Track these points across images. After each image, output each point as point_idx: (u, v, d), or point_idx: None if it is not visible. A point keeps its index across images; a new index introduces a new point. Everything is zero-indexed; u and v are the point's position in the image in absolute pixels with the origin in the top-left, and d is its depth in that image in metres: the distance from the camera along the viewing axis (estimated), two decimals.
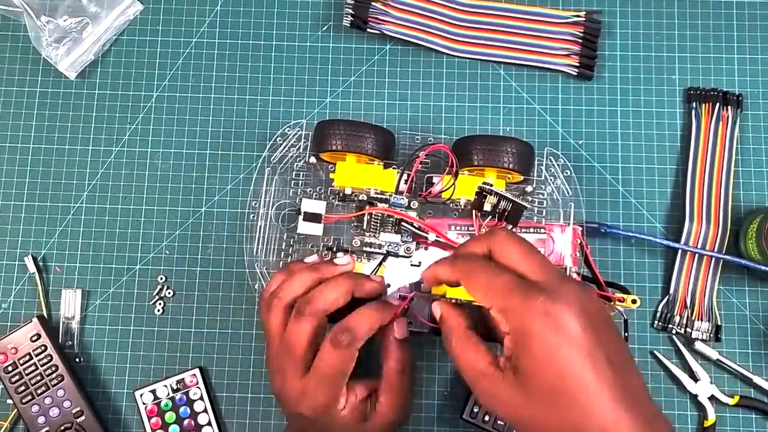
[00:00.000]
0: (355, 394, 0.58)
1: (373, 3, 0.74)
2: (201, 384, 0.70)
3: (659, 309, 0.71)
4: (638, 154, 0.73)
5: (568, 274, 0.63)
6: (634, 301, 0.60)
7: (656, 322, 0.70)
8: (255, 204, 0.68)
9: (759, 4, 0.76)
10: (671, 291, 0.70)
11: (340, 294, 0.57)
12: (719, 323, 0.70)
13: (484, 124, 0.74)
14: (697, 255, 0.70)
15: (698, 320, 0.70)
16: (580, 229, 0.65)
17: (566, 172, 0.67)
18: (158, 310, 0.72)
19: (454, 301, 0.56)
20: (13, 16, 0.76)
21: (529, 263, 0.49)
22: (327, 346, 0.55)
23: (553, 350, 0.45)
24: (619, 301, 0.60)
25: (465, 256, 0.53)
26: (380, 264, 0.64)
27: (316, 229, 0.65)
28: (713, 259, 0.70)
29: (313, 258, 0.62)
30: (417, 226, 0.64)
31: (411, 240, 0.64)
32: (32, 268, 0.72)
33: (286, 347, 0.57)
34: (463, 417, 0.68)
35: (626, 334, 0.64)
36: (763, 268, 0.67)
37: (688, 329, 0.70)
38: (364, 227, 0.65)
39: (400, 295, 0.63)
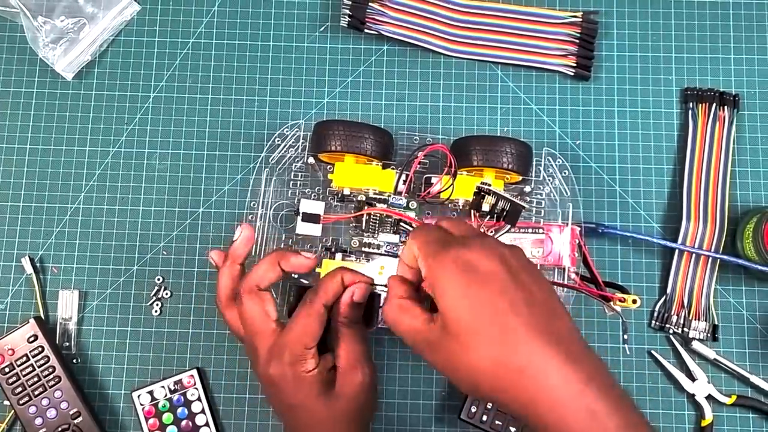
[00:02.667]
0: (325, 360, 0.58)
1: (370, 4, 0.74)
2: (199, 385, 0.70)
3: (656, 309, 0.71)
4: (635, 154, 0.74)
5: (566, 274, 0.63)
6: (634, 301, 0.60)
7: (653, 321, 0.70)
8: (253, 205, 0.68)
9: (755, 4, 0.76)
10: (668, 291, 0.71)
11: (267, 267, 0.60)
12: (716, 323, 0.70)
13: (481, 125, 0.74)
14: (694, 255, 0.71)
15: (695, 320, 0.70)
16: (579, 229, 0.65)
17: (564, 173, 0.67)
18: (156, 311, 0.72)
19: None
20: (10, 17, 0.76)
21: (459, 226, 0.52)
22: (298, 307, 0.58)
23: (463, 288, 0.46)
24: (620, 301, 0.60)
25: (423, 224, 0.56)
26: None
27: (314, 229, 0.65)
28: (710, 258, 0.70)
29: (237, 234, 0.63)
30: (415, 226, 0.64)
31: None
32: (29, 269, 0.71)
33: (248, 328, 0.59)
34: (461, 417, 0.68)
35: (625, 336, 0.64)
36: (759, 267, 0.67)
37: (686, 329, 0.70)
38: (363, 228, 0.65)
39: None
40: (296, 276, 0.63)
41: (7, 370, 0.68)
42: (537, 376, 0.44)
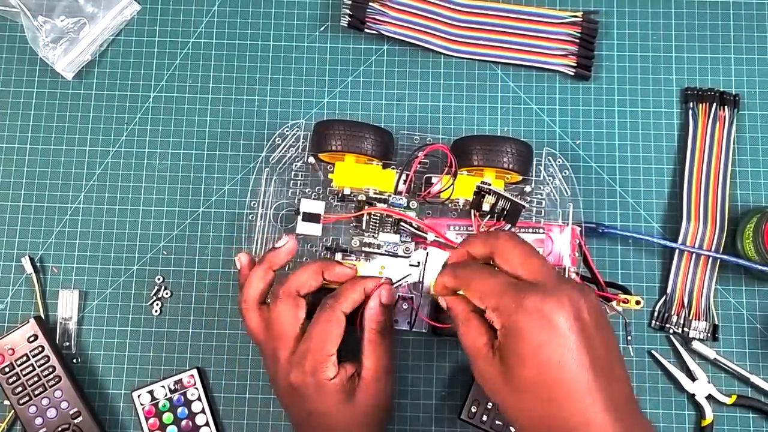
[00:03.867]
0: (345, 369, 0.59)
1: (370, 3, 0.74)
2: (199, 384, 0.70)
3: (657, 308, 0.71)
4: (635, 154, 0.73)
5: (567, 274, 0.63)
6: (638, 302, 0.60)
7: (654, 321, 0.70)
8: (254, 204, 0.68)
9: (755, 4, 0.76)
10: (668, 290, 0.71)
11: (310, 275, 0.60)
12: (716, 323, 0.70)
13: (481, 125, 0.74)
14: (694, 254, 0.71)
15: (695, 320, 0.70)
16: (579, 229, 0.65)
17: (565, 172, 0.67)
18: (156, 311, 0.72)
19: None
20: (10, 17, 0.76)
21: (528, 265, 0.51)
22: (316, 313, 0.58)
23: (538, 345, 0.47)
24: (623, 302, 0.60)
25: (464, 264, 0.55)
26: (399, 282, 0.63)
27: (314, 229, 0.65)
28: (710, 258, 0.70)
29: (282, 242, 0.63)
30: (416, 226, 0.64)
31: (410, 240, 0.64)
32: (29, 268, 0.71)
33: (273, 332, 0.59)
34: (461, 417, 0.68)
35: (629, 337, 0.64)
36: (760, 267, 0.67)
37: (686, 329, 0.70)
38: (363, 227, 0.64)
39: (399, 296, 0.63)
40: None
41: (7, 369, 0.68)
42: None
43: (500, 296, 0.49)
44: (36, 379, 0.68)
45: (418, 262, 0.64)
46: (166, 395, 0.69)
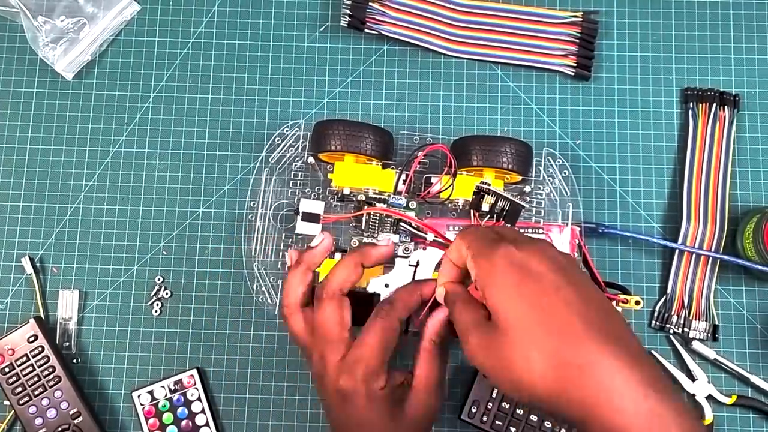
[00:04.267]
0: (394, 377, 0.57)
1: (370, 4, 0.74)
2: (199, 385, 0.70)
3: (656, 308, 0.71)
4: (635, 154, 0.73)
5: None
6: (637, 303, 0.60)
7: (653, 321, 0.70)
8: (253, 204, 0.68)
9: (755, 4, 0.76)
10: (668, 291, 0.71)
11: (350, 269, 0.59)
12: (716, 323, 0.70)
13: (481, 125, 0.74)
14: (694, 255, 0.71)
15: (695, 320, 0.70)
16: (578, 229, 0.65)
17: (564, 173, 0.67)
18: (156, 311, 0.72)
19: None
20: (10, 17, 0.76)
21: (511, 231, 0.53)
22: (370, 319, 0.57)
23: (515, 287, 0.46)
24: (623, 302, 0.60)
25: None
26: (414, 275, 0.63)
27: (314, 229, 0.65)
28: (710, 258, 0.70)
29: (317, 241, 0.62)
30: (415, 226, 0.64)
31: (409, 240, 0.64)
32: (29, 269, 0.72)
33: (320, 335, 0.58)
34: (462, 417, 0.68)
35: None
36: (760, 267, 0.67)
37: (686, 329, 0.70)
38: (363, 227, 0.64)
39: None
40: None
41: (7, 370, 0.68)
42: (599, 375, 0.42)
43: (480, 241, 0.50)
44: (36, 379, 0.68)
45: (417, 262, 0.64)
46: (166, 395, 0.69)
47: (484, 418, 0.67)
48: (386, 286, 0.63)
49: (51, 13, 0.75)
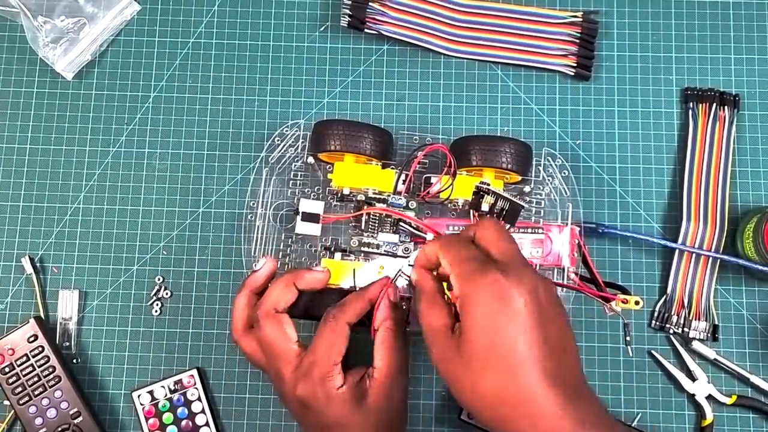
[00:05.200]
0: (352, 375, 0.58)
1: (370, 4, 0.74)
2: (199, 385, 0.70)
3: (657, 309, 0.71)
4: (635, 154, 0.73)
5: (566, 274, 0.63)
6: (637, 303, 0.60)
7: (654, 321, 0.70)
8: (253, 204, 0.68)
9: (755, 4, 0.76)
10: (668, 291, 0.71)
11: (281, 290, 0.60)
12: (716, 323, 0.70)
13: (481, 125, 0.74)
14: (694, 255, 0.70)
15: (695, 320, 0.70)
16: (578, 229, 0.65)
17: (564, 173, 0.67)
18: (156, 311, 0.72)
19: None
20: (10, 17, 0.76)
21: (498, 245, 0.53)
22: (320, 326, 0.58)
23: (491, 317, 0.48)
24: (622, 302, 0.60)
25: (448, 235, 0.57)
26: (396, 276, 0.63)
27: (314, 229, 0.65)
28: (710, 258, 0.70)
29: (260, 264, 0.63)
30: (415, 226, 0.64)
31: (409, 240, 0.64)
32: (29, 269, 0.72)
33: (268, 353, 0.59)
34: (461, 417, 0.68)
35: (628, 337, 0.64)
36: (760, 267, 0.67)
37: (686, 329, 0.70)
38: (363, 227, 0.64)
39: (401, 296, 0.63)
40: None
41: (7, 370, 0.68)
42: (533, 411, 0.47)
43: (467, 263, 0.51)
44: (36, 379, 0.68)
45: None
46: (166, 395, 0.69)
47: None
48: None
49: (51, 13, 0.76)
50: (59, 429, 0.68)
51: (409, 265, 0.61)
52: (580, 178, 0.72)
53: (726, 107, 0.73)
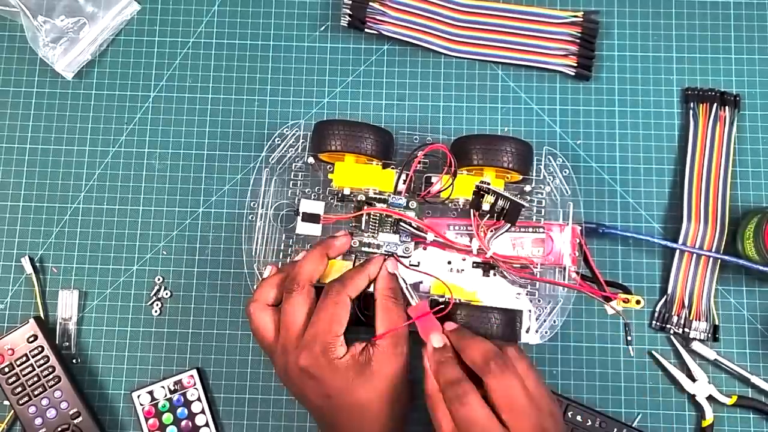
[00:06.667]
0: (354, 346, 0.60)
1: (370, 3, 0.74)
2: (198, 385, 0.70)
3: (657, 309, 0.71)
4: (636, 154, 0.73)
5: (567, 273, 0.63)
6: (638, 302, 0.60)
7: (654, 322, 0.70)
8: (253, 205, 0.68)
9: (756, 4, 0.76)
10: (669, 291, 0.70)
11: (317, 261, 0.62)
12: (717, 323, 0.70)
13: (482, 124, 0.74)
14: (694, 255, 0.70)
15: (696, 320, 0.70)
16: (579, 228, 0.65)
17: (565, 172, 0.67)
18: (156, 311, 0.72)
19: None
20: (10, 16, 0.76)
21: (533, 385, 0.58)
22: (321, 299, 0.60)
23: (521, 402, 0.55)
24: (624, 302, 0.60)
25: (498, 360, 0.58)
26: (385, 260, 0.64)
27: (314, 229, 0.65)
28: (711, 259, 0.70)
29: (299, 256, 0.64)
30: (416, 226, 0.64)
31: (409, 240, 0.64)
32: (29, 269, 0.71)
33: (285, 326, 0.60)
34: None
35: (629, 337, 0.64)
36: (760, 268, 0.67)
37: (686, 329, 0.70)
38: (363, 227, 0.64)
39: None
40: None
41: (6, 370, 0.68)
42: None
43: (525, 419, 0.55)
44: (36, 379, 0.68)
45: (418, 263, 0.64)
46: (165, 396, 0.69)
47: None
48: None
49: (51, 13, 0.75)
50: (59, 429, 0.68)
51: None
52: (581, 178, 0.72)
53: (727, 107, 0.73)
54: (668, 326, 0.70)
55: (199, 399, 0.69)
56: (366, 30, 0.75)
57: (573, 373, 0.70)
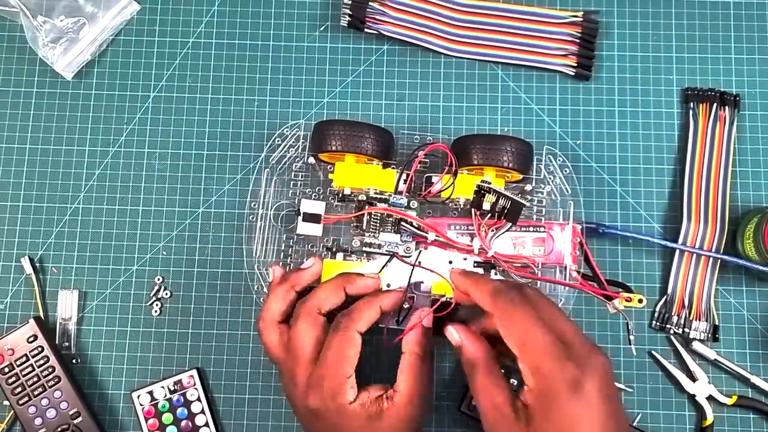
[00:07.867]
0: (368, 391, 0.57)
1: (370, 3, 0.74)
2: (198, 385, 0.69)
3: (657, 309, 0.71)
4: (636, 154, 0.73)
5: (567, 273, 0.63)
6: (640, 301, 0.60)
7: (654, 322, 0.70)
8: (253, 205, 0.68)
9: (756, 4, 0.76)
10: (669, 291, 0.70)
11: (331, 291, 0.59)
12: (717, 323, 0.70)
13: (482, 124, 0.74)
14: (694, 255, 0.70)
15: (696, 320, 0.70)
16: (580, 227, 0.65)
17: (565, 171, 0.67)
18: (155, 311, 0.72)
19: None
20: (10, 16, 0.76)
21: (564, 326, 0.52)
22: (329, 334, 0.57)
23: (573, 417, 0.48)
24: (626, 300, 0.60)
25: (507, 295, 0.54)
26: (385, 265, 0.63)
27: (315, 229, 0.65)
28: (711, 259, 0.70)
29: (308, 264, 0.63)
30: (416, 225, 0.64)
31: (410, 240, 0.64)
32: (29, 269, 0.71)
33: (292, 353, 0.58)
34: (462, 409, 0.67)
35: (631, 336, 0.64)
36: (760, 267, 0.67)
37: (686, 329, 0.70)
38: (364, 227, 0.64)
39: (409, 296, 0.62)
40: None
41: (6, 370, 0.68)
42: None
43: (543, 356, 0.50)
44: (35, 379, 0.68)
45: (419, 262, 0.64)
46: (165, 396, 0.69)
47: None
48: (388, 285, 0.63)
49: (51, 13, 0.75)
50: (59, 429, 0.68)
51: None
52: (581, 178, 0.72)
53: (726, 107, 0.73)
54: (668, 326, 0.70)
55: (198, 399, 0.69)
56: (366, 30, 0.75)
57: None
